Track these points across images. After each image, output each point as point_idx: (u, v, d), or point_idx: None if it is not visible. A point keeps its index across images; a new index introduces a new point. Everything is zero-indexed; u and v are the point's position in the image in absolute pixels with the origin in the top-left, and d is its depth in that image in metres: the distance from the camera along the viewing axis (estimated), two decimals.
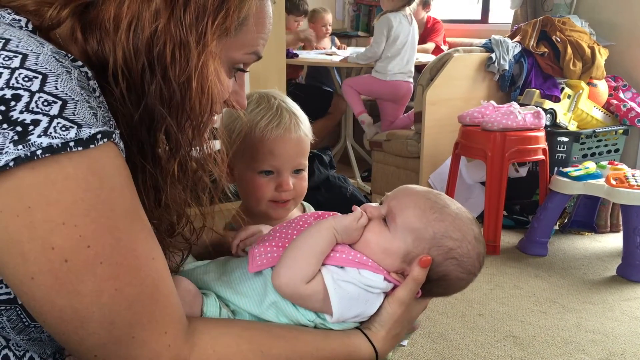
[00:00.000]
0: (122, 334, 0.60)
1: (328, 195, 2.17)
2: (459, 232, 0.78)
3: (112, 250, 0.57)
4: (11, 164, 0.52)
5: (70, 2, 0.63)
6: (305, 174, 1.05)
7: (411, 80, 3.84)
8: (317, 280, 0.74)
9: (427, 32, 4.50)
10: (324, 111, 4.18)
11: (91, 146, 0.55)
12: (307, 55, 4.22)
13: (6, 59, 0.55)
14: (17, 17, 0.62)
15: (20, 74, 0.54)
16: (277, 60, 2.78)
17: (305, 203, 1.14)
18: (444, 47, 4.47)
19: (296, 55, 4.13)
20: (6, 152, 0.52)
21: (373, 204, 0.82)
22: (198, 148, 0.72)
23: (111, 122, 0.59)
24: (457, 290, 0.83)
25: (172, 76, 0.64)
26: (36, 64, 0.55)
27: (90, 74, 0.61)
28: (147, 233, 0.62)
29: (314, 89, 4.32)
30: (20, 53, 0.56)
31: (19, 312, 0.61)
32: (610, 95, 3.36)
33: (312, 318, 0.77)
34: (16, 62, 0.55)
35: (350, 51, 4.33)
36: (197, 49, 0.64)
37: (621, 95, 3.37)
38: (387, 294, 0.79)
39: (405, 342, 2.08)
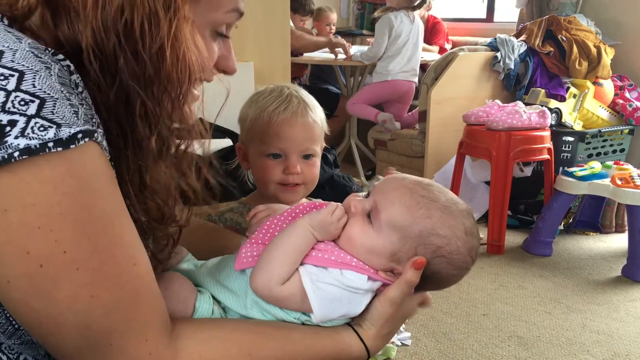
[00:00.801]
0: (98, 341, 0.58)
1: (332, 194, 2.17)
2: (447, 228, 0.74)
3: (90, 256, 0.55)
4: None
5: None
6: (316, 160, 1.08)
7: (413, 79, 3.82)
8: (293, 281, 0.72)
9: (429, 33, 4.48)
10: (330, 113, 4.16)
11: (71, 146, 0.53)
12: (311, 54, 4.22)
13: None
14: None
15: None
16: (281, 59, 2.78)
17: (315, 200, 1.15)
18: (447, 46, 4.46)
19: (300, 54, 4.12)
20: None
21: (359, 195, 0.78)
22: (179, 121, 0.68)
23: (94, 120, 0.57)
24: (450, 284, 0.80)
25: (142, 49, 0.60)
26: (12, 61, 0.53)
27: (72, 68, 0.58)
28: (129, 237, 0.60)
29: (320, 90, 4.31)
30: None
31: (8, 315, 0.59)
32: (616, 94, 3.34)
33: (296, 316, 0.75)
34: None
35: (354, 50, 4.32)
36: (168, 16, 0.61)
37: (627, 94, 3.36)
38: (377, 291, 0.76)
39: (409, 342, 2.07)
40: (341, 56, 4.11)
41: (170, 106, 0.65)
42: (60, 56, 0.58)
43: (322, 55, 4.22)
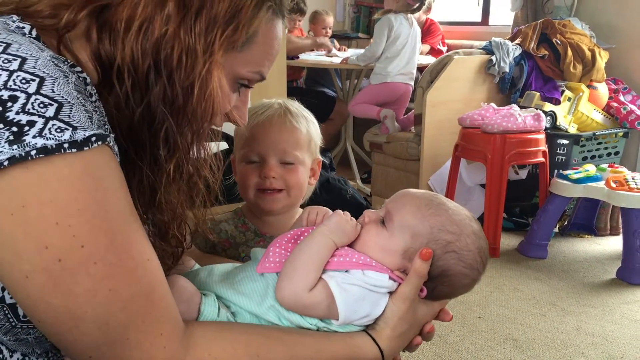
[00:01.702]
0: (116, 335, 0.59)
1: (328, 198, 2.17)
2: (456, 225, 0.78)
3: (107, 251, 0.57)
4: (5, 163, 0.52)
5: (87, 4, 0.64)
6: (300, 168, 1.05)
7: (411, 82, 3.83)
8: (319, 288, 0.74)
9: (423, 34, 4.50)
10: (325, 117, 4.17)
11: (85, 148, 0.56)
12: (307, 57, 4.22)
13: (5, 61, 0.56)
14: (21, 25, 0.63)
15: (18, 76, 0.55)
16: (277, 61, 2.78)
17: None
18: (443, 49, 4.47)
19: (297, 57, 4.13)
20: (1, 152, 0.52)
21: (372, 210, 0.83)
22: (195, 153, 0.73)
23: (106, 126, 0.60)
24: (463, 288, 0.81)
25: (176, 79, 0.65)
26: (34, 67, 0.57)
27: (88, 80, 0.62)
28: (141, 235, 0.62)
29: (316, 93, 4.32)
30: (19, 56, 0.57)
31: (6, 312, 0.61)
32: (610, 97, 3.36)
33: (314, 322, 0.76)
34: (15, 65, 0.56)
35: (350, 53, 4.33)
36: (204, 57, 0.66)
37: (621, 97, 3.37)
38: (391, 294, 0.78)
39: None
40: (337, 59, 4.11)
41: (190, 137, 0.70)
42: (78, 68, 0.62)
43: (318, 57, 4.23)
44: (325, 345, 0.74)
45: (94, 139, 0.56)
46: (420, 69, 3.92)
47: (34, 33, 0.63)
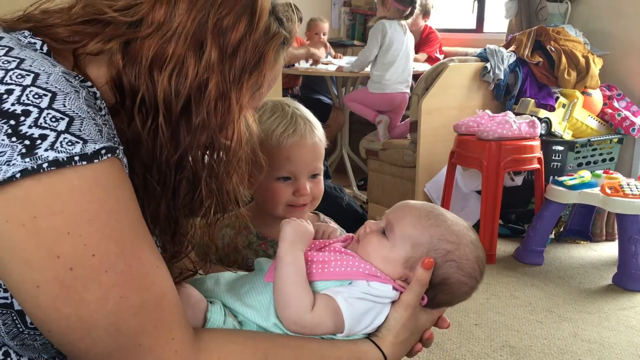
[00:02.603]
0: (128, 342, 0.60)
1: (324, 205, 2.17)
2: (455, 235, 0.81)
3: (117, 259, 0.58)
4: (18, 175, 0.54)
5: (115, 37, 0.66)
6: (321, 177, 1.08)
7: (407, 90, 3.84)
8: (321, 305, 0.75)
9: (422, 42, 4.51)
10: (321, 124, 4.16)
11: (95, 161, 0.57)
12: (303, 65, 4.23)
13: (19, 77, 0.58)
14: (33, 40, 0.65)
15: (31, 91, 0.57)
16: None
17: (320, 213, 1.16)
18: (440, 57, 4.48)
19: (292, 65, 4.14)
20: (13, 164, 0.54)
21: (373, 221, 0.85)
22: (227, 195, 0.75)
23: (115, 139, 0.62)
24: (462, 297, 0.84)
25: (211, 124, 0.68)
26: (47, 83, 0.58)
27: (98, 94, 0.64)
28: (150, 243, 0.63)
29: (312, 101, 4.32)
30: (32, 72, 0.59)
31: (14, 318, 0.62)
32: (604, 104, 3.37)
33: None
34: (28, 80, 0.58)
35: (345, 60, 4.34)
36: (238, 105, 0.69)
37: (615, 104, 3.39)
38: (393, 302, 0.80)
39: None
40: (332, 67, 4.12)
41: (221, 177, 0.73)
42: (88, 83, 0.64)
43: (313, 65, 4.24)
44: (330, 350, 0.76)
45: (103, 151, 0.58)
46: (416, 76, 3.93)
47: (45, 49, 0.65)
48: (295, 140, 1.02)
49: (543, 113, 3.16)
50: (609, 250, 3.07)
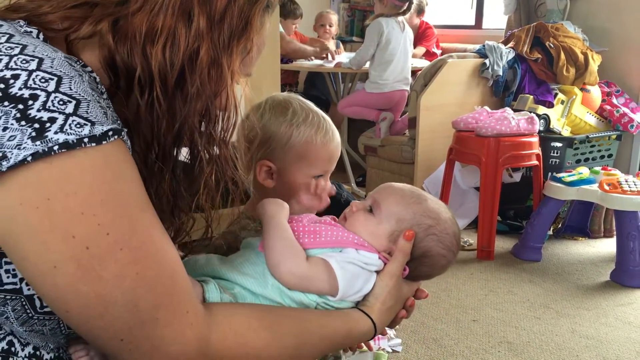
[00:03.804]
0: (146, 316, 0.62)
1: None
2: (435, 212, 0.90)
3: (131, 237, 0.60)
4: (29, 158, 0.55)
5: (105, 17, 0.66)
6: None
7: (406, 87, 3.83)
8: (315, 260, 0.82)
9: (419, 37, 4.51)
10: None
11: (103, 142, 0.58)
12: (302, 62, 4.23)
13: (24, 62, 0.59)
14: (29, 29, 0.66)
15: (37, 75, 0.58)
16: (270, 65, 2.78)
17: None
18: (437, 51, 4.48)
19: (290, 61, 4.13)
20: (24, 148, 0.55)
21: (358, 201, 0.93)
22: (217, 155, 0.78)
23: (118, 122, 0.63)
24: (440, 269, 0.92)
25: (203, 92, 0.69)
26: (51, 67, 0.59)
27: (98, 79, 0.65)
28: (157, 221, 0.65)
29: (310, 97, 4.31)
30: (36, 57, 0.60)
31: (24, 303, 0.63)
32: (603, 100, 3.37)
33: (314, 298, 0.82)
34: (33, 65, 0.59)
35: (343, 57, 4.34)
36: (230, 70, 0.70)
37: (614, 100, 3.39)
38: (378, 273, 0.87)
39: (399, 349, 2.08)
40: (330, 63, 4.12)
41: (213, 144, 0.75)
42: (89, 68, 0.65)
43: (312, 62, 4.24)
44: (327, 320, 0.81)
45: (110, 133, 0.59)
46: (414, 72, 3.93)
47: (41, 37, 0.66)
48: (335, 141, 1.10)
49: (542, 109, 3.16)
50: (606, 246, 3.07)
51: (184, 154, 0.77)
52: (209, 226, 0.85)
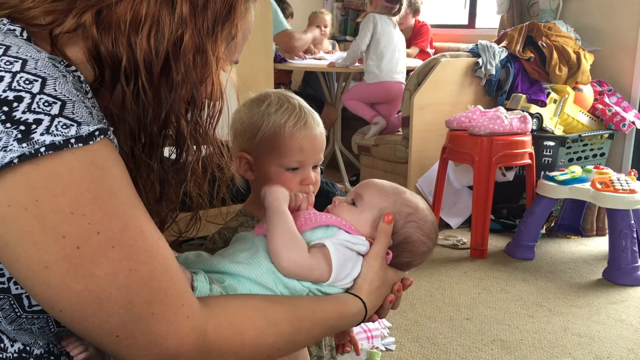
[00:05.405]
0: (141, 312, 0.62)
1: (316, 200, 2.17)
2: (414, 202, 0.95)
3: (122, 234, 0.60)
4: (16, 160, 0.55)
5: (88, 8, 0.66)
6: (319, 168, 1.12)
7: (403, 80, 3.83)
8: (318, 248, 0.85)
9: (413, 35, 4.52)
10: None
11: (90, 142, 0.58)
12: (297, 60, 4.22)
13: (7, 63, 0.58)
14: (12, 27, 0.65)
15: (21, 77, 0.58)
16: (264, 64, 2.78)
17: None
18: (430, 51, 4.49)
19: (284, 60, 4.13)
20: (10, 150, 0.55)
21: (340, 197, 0.98)
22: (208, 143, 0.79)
23: (104, 121, 0.63)
24: (421, 257, 0.97)
25: (190, 79, 0.69)
26: (35, 68, 0.59)
27: (82, 78, 0.65)
28: (148, 216, 0.65)
29: (304, 97, 4.30)
30: (20, 58, 0.59)
31: (12, 302, 0.63)
32: (595, 99, 3.39)
33: (307, 285, 0.84)
34: (17, 67, 0.58)
35: (337, 56, 4.33)
36: (214, 57, 0.70)
37: (606, 99, 3.40)
38: (363, 257, 0.91)
39: (393, 347, 2.08)
40: (324, 62, 4.12)
41: (200, 132, 0.75)
42: (73, 67, 0.65)
43: (305, 62, 4.23)
44: (319, 305, 0.83)
45: (97, 132, 0.59)
46: (408, 71, 3.93)
47: (24, 35, 0.65)
48: (307, 131, 1.06)
49: (534, 108, 3.17)
50: (599, 245, 3.09)
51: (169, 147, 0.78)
52: (197, 214, 0.85)
